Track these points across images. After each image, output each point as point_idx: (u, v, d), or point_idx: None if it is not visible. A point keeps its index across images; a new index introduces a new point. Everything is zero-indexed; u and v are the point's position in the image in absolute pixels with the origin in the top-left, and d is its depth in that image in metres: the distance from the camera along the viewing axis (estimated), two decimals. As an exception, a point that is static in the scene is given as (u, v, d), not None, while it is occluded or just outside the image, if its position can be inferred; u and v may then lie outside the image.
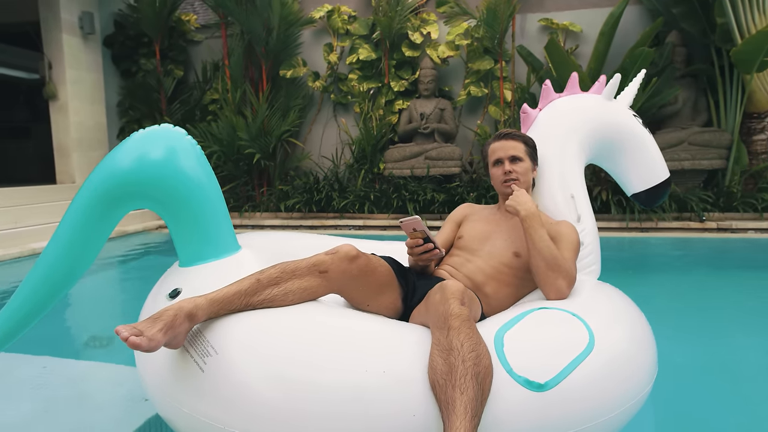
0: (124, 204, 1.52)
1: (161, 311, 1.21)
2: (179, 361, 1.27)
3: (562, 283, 1.48)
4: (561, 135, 1.93)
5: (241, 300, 1.28)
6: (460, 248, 1.74)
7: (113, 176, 1.48)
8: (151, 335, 1.13)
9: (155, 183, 1.50)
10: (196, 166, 1.56)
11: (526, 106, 2.02)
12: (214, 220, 1.59)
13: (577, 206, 1.87)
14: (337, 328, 1.24)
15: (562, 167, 1.89)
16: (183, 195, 1.53)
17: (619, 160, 2.06)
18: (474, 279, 1.63)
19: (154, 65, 7.12)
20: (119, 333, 1.11)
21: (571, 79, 2.06)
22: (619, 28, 5.74)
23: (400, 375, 1.13)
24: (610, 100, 2.04)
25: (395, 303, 1.50)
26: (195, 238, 1.58)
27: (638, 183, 2.06)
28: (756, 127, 5.78)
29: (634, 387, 1.30)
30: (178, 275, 1.58)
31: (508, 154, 1.72)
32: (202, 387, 1.21)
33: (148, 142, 1.52)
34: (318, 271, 1.34)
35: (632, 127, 2.02)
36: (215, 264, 1.55)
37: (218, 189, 1.63)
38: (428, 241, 1.52)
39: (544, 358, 1.20)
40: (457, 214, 1.87)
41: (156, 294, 1.59)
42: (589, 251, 1.85)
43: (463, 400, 1.03)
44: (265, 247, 1.82)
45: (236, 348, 1.21)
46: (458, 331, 1.12)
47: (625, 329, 1.41)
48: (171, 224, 1.59)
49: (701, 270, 4.03)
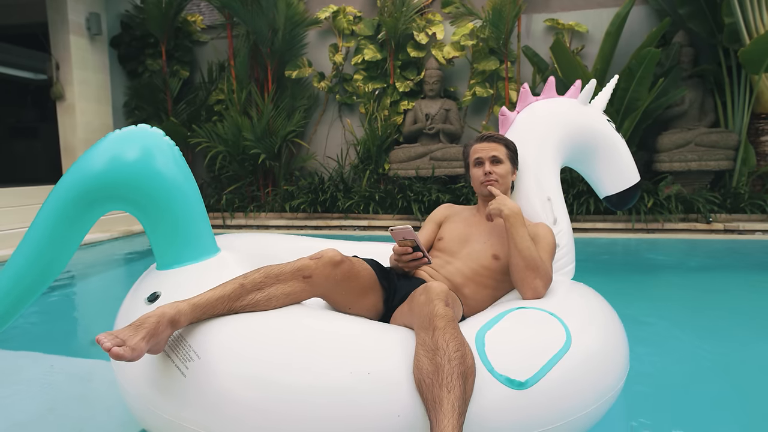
0: (98, 207, 1.49)
1: (143, 318, 1.18)
2: (160, 366, 1.24)
3: (539, 283, 1.50)
4: (538, 138, 1.97)
5: (225, 305, 1.27)
6: (441, 250, 1.75)
7: (86, 178, 1.44)
8: (134, 344, 1.10)
9: (130, 184, 1.47)
10: (173, 167, 1.53)
11: (504, 108, 2.05)
12: (192, 222, 1.57)
13: (553, 209, 1.90)
14: (321, 332, 1.23)
15: (538, 170, 1.93)
16: (159, 196, 1.50)
17: (592, 163, 2.12)
18: (453, 281, 1.64)
19: (160, 66, 7.16)
20: (100, 342, 1.07)
21: (548, 82, 2.10)
22: (625, 29, 5.72)
23: (385, 376, 1.13)
24: (585, 105, 2.08)
25: (377, 305, 1.51)
26: (173, 241, 1.55)
27: (610, 186, 2.13)
28: (764, 128, 5.73)
29: (609, 383, 1.34)
30: (155, 278, 1.55)
31: (490, 155, 1.75)
32: (185, 393, 1.18)
33: (124, 143, 1.49)
34: (302, 276, 1.33)
35: (606, 131, 2.08)
36: (194, 267, 1.53)
37: (196, 190, 1.61)
38: (417, 249, 1.54)
39: (524, 356, 1.23)
40: (438, 215, 1.89)
41: (133, 298, 1.56)
42: (565, 252, 1.89)
43: (450, 399, 1.04)
44: (244, 250, 1.81)
45: (219, 352, 1.19)
46: (443, 332, 1.13)
47: (600, 328, 1.45)
48: (147, 226, 1.56)
49: (708, 272, 4.00)
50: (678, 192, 5.49)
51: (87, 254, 4.95)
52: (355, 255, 1.54)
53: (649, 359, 2.11)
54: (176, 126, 6.86)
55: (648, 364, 2.06)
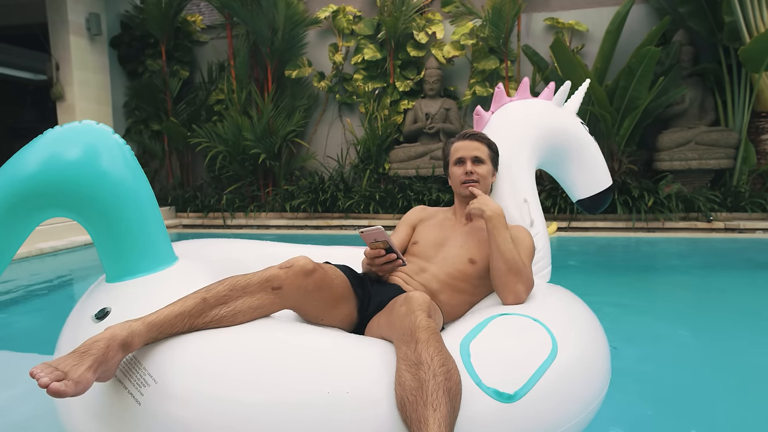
0: (33, 214, 1.31)
1: (89, 342, 1.03)
2: (111, 393, 1.10)
3: (521, 288, 1.44)
4: (512, 139, 1.94)
5: (185, 322, 1.14)
6: (415, 255, 1.68)
7: (18, 180, 1.27)
8: (77, 377, 0.95)
9: (69, 188, 1.30)
10: (122, 167, 1.38)
11: (479, 108, 2.03)
12: (144, 229, 1.41)
13: (530, 211, 1.88)
14: (293, 346, 1.13)
15: (514, 171, 1.90)
16: (105, 200, 1.34)
17: (565, 166, 2.10)
18: (429, 287, 1.57)
19: (160, 66, 7.16)
20: (36, 377, 0.93)
21: (522, 84, 2.08)
22: (625, 27, 5.71)
23: (364, 393, 1.05)
24: (559, 107, 2.07)
25: (350, 315, 1.42)
26: (123, 250, 1.39)
27: (583, 190, 2.11)
28: (764, 127, 5.73)
29: (597, 388, 1.30)
30: (105, 292, 1.39)
31: (471, 154, 1.68)
32: (139, 422, 1.05)
33: (64, 141, 1.32)
34: (271, 288, 1.22)
35: (579, 134, 2.06)
36: (148, 278, 1.38)
37: (151, 194, 1.47)
38: (391, 251, 1.45)
39: (511, 367, 1.16)
40: (411, 217, 1.80)
41: (79, 315, 1.39)
42: (542, 255, 1.87)
43: (436, 417, 0.95)
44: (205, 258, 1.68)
45: (178, 375, 1.06)
46: (427, 344, 1.05)
47: (583, 332, 1.40)
48: (93, 234, 1.40)
49: (708, 270, 4.00)
50: (678, 191, 5.49)
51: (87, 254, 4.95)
52: (327, 261, 1.44)
53: (649, 358, 2.11)
54: (176, 126, 6.87)
55: (648, 363, 2.05)
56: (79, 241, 5.23)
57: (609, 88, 5.57)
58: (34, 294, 3.42)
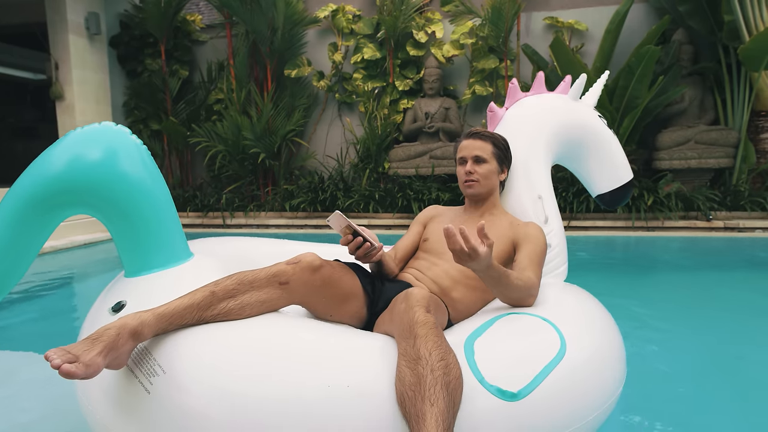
0: (57, 212, 1.38)
1: (101, 330, 1.08)
2: (122, 382, 1.14)
3: (528, 302, 1.42)
4: (528, 134, 1.90)
5: (193, 314, 1.17)
6: (426, 251, 1.67)
7: (44, 181, 1.33)
8: (88, 360, 1.00)
9: (91, 188, 1.37)
10: (140, 168, 1.44)
11: (492, 104, 1.99)
12: (161, 226, 1.47)
13: (544, 207, 1.84)
14: (299, 340, 1.15)
15: (529, 167, 1.87)
16: (124, 200, 1.40)
17: (584, 161, 2.05)
18: (440, 283, 1.56)
19: (159, 65, 7.15)
20: (49, 359, 0.98)
21: (537, 78, 2.05)
22: (625, 26, 5.71)
23: (366, 388, 1.06)
24: (576, 101, 2.03)
25: (359, 312, 1.43)
26: (140, 246, 1.45)
27: (603, 184, 2.06)
28: (764, 126, 5.73)
29: (607, 391, 1.27)
30: (122, 287, 1.45)
31: (473, 154, 1.67)
32: (149, 411, 1.09)
33: (85, 142, 1.38)
34: (278, 283, 1.25)
35: (598, 128, 2.02)
36: (164, 273, 1.43)
37: (166, 192, 1.52)
38: (357, 235, 1.39)
39: (516, 365, 1.15)
40: (423, 216, 1.81)
41: (99, 308, 1.46)
42: (557, 253, 1.83)
43: (433, 413, 0.95)
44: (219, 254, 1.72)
45: (187, 365, 1.10)
46: (425, 339, 1.05)
47: (596, 333, 1.37)
48: (113, 231, 1.47)
49: (708, 269, 4.00)
50: (678, 190, 5.49)
51: (87, 254, 4.95)
52: (337, 259, 1.45)
53: (649, 357, 2.11)
54: (176, 125, 6.86)
55: (647, 362, 2.06)
56: (78, 240, 5.23)
57: (608, 87, 5.57)
58: (34, 294, 3.42)
